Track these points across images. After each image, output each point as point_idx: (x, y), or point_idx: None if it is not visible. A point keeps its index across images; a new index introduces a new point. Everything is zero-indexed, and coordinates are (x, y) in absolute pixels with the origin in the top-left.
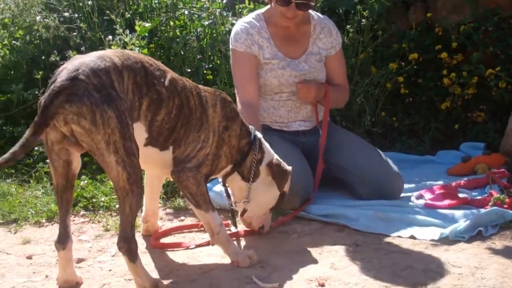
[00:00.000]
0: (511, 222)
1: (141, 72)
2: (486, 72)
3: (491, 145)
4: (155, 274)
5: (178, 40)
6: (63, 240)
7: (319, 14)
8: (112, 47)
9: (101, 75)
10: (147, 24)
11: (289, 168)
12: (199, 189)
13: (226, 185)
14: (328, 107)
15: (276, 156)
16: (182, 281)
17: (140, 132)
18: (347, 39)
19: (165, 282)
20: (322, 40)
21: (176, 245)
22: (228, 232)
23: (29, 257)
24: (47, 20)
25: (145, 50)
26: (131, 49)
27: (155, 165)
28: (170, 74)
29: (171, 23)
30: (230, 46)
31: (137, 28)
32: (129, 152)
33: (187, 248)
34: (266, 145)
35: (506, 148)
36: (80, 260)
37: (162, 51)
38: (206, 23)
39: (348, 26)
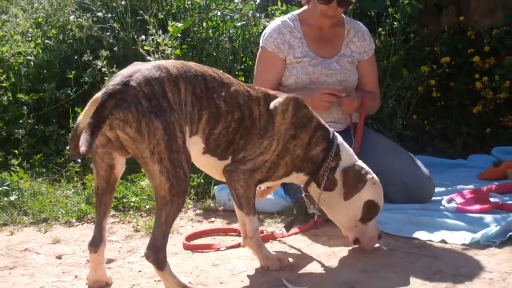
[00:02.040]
0: None
1: (201, 85)
2: None
3: None
4: (185, 275)
5: (210, 41)
6: (96, 243)
7: (353, 19)
8: (145, 47)
9: (153, 84)
10: (179, 25)
11: (371, 176)
12: (246, 193)
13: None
14: (364, 116)
15: (358, 163)
16: (212, 283)
17: (197, 143)
18: (379, 41)
19: (195, 284)
20: (355, 44)
21: (207, 247)
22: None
23: (59, 257)
24: (81, 20)
25: (178, 51)
26: (163, 50)
27: (214, 172)
28: (234, 87)
29: (204, 24)
30: (260, 43)
31: (170, 28)
32: (175, 164)
33: (218, 250)
34: (346, 150)
35: None
36: (110, 261)
37: (195, 51)
38: (239, 24)
39: (380, 29)
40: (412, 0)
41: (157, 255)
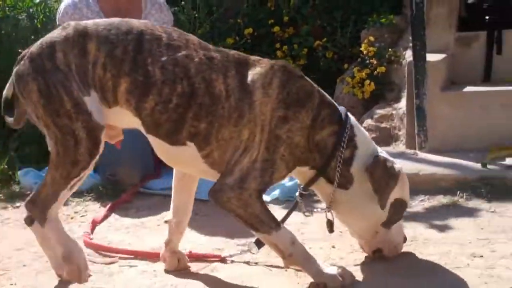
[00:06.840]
0: None
1: (129, 46)
2: (315, 43)
3: None
4: None
5: (8, 20)
6: None
7: None
8: None
9: (42, 44)
10: None
11: (398, 168)
12: (248, 212)
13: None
14: None
15: (380, 151)
16: None
17: (127, 117)
18: (183, 15)
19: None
20: (154, 16)
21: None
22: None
23: None
24: None
25: None
26: None
27: (177, 162)
28: (187, 51)
29: (0, 2)
30: (57, 22)
31: None
32: (64, 131)
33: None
34: (362, 135)
35: None
36: None
37: None
38: (38, 1)
39: (183, 3)
40: None
41: (33, 206)
